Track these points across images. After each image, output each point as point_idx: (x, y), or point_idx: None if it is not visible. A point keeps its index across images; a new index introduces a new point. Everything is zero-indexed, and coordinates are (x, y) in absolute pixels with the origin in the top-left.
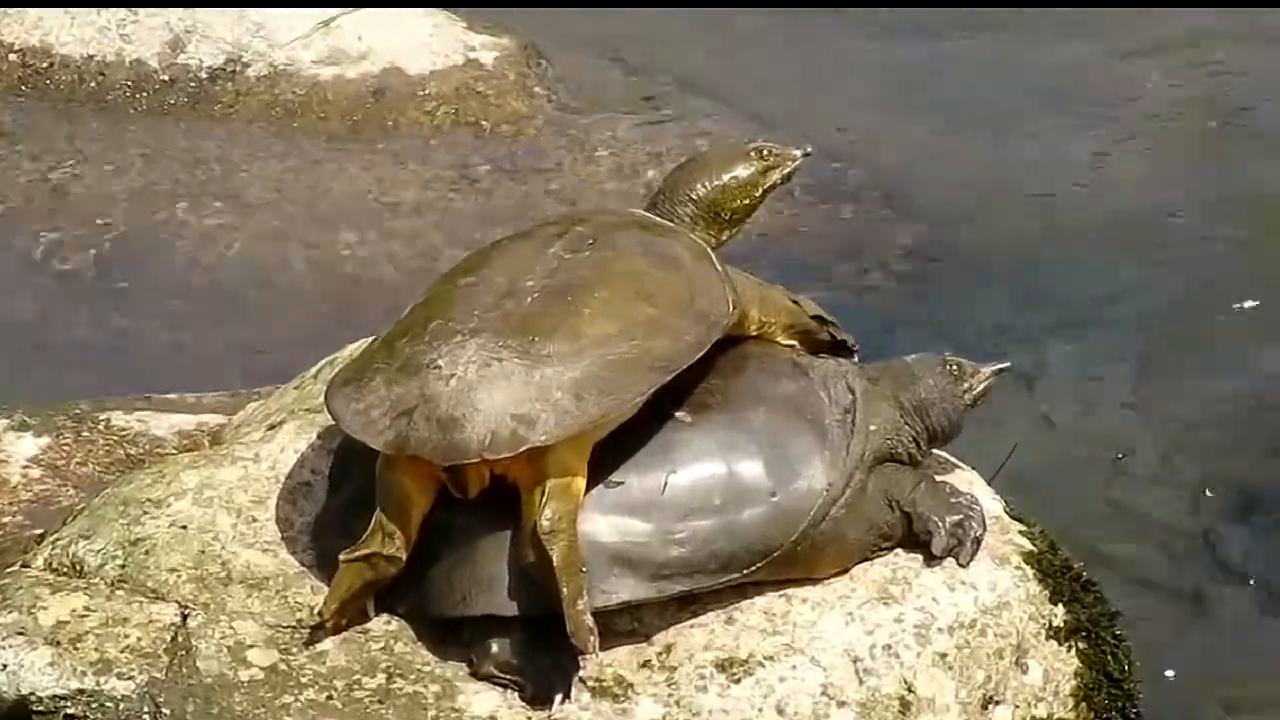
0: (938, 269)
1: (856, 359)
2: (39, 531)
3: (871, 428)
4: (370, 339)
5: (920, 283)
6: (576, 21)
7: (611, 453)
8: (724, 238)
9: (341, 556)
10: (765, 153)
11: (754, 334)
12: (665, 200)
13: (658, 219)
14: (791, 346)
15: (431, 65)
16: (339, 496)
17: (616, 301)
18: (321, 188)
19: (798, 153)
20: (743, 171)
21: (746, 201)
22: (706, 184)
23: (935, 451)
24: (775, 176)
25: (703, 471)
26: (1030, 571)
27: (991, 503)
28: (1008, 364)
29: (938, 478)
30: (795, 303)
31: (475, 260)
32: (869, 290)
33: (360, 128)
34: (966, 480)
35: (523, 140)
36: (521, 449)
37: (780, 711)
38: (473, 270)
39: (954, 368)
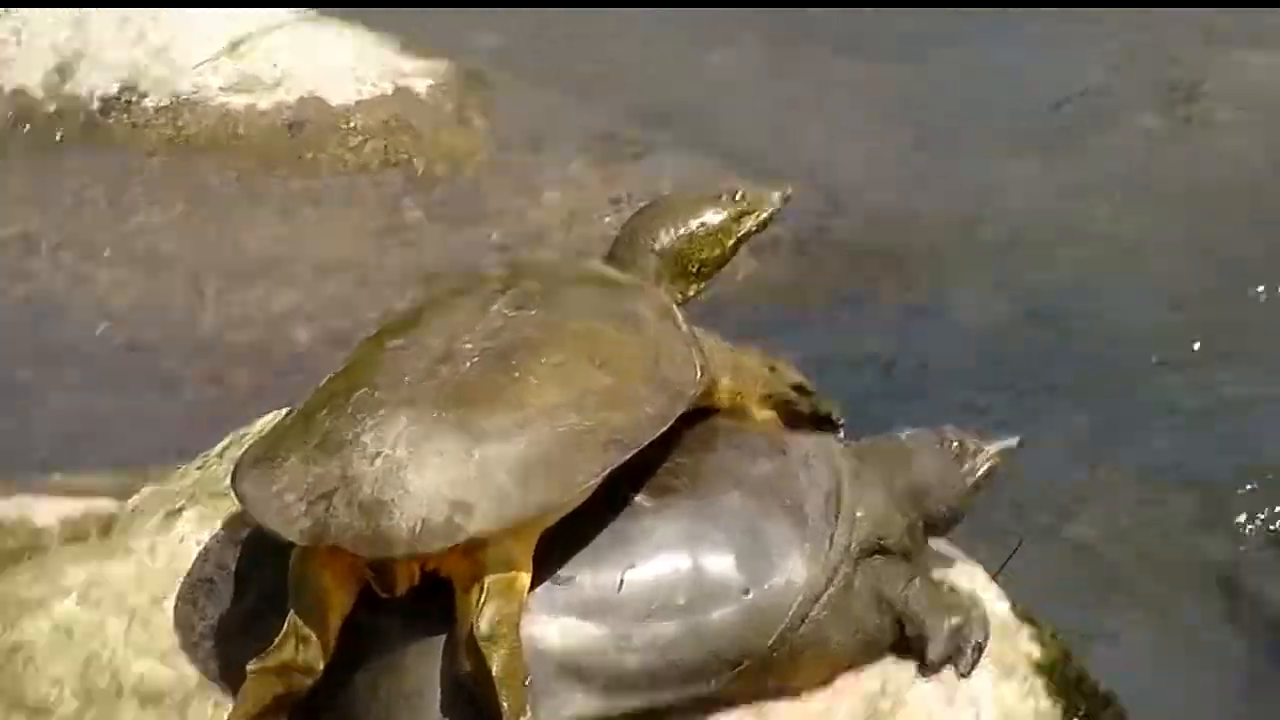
0: (938, 329)
1: (842, 434)
2: None
3: (859, 515)
4: (285, 411)
5: (917, 346)
6: (524, 45)
7: (561, 544)
8: (691, 293)
9: (249, 667)
10: (738, 196)
11: (725, 405)
12: (624, 251)
13: (616, 272)
14: (768, 420)
15: (357, 94)
16: (247, 596)
17: (568, 367)
18: (230, 235)
19: (776, 196)
20: (713, 218)
21: (717, 252)
22: (672, 232)
23: (932, 543)
24: (750, 223)
25: (665, 566)
26: (1040, 684)
27: (997, 603)
28: (1017, 439)
29: (934, 574)
30: (772, 369)
31: (406, 319)
32: (858, 355)
33: (275, 165)
34: (968, 576)
35: (461, 181)
36: (458, 540)
37: None
38: (403, 331)
39: (955, 445)
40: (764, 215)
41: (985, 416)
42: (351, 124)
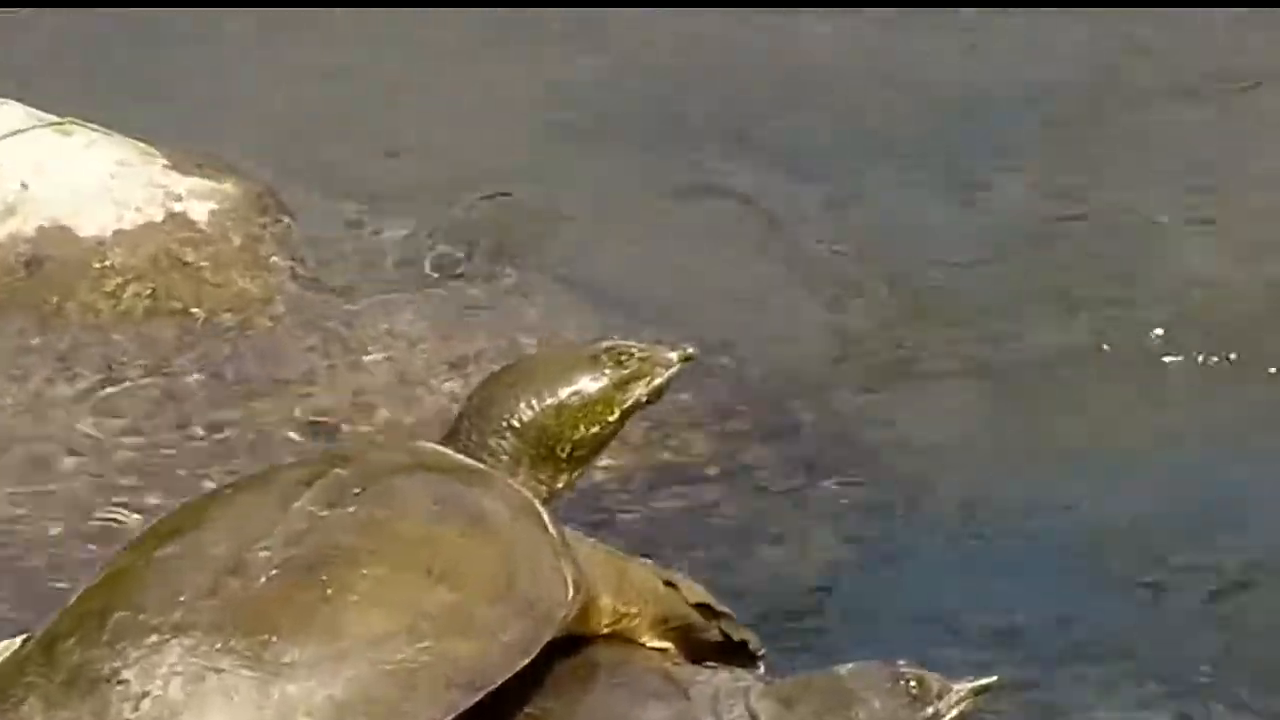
0: (888, 522)
1: (762, 669)
2: None
3: None
4: (20, 638)
5: (863, 545)
6: (336, 150)
7: None
8: (560, 485)
9: None
10: (623, 356)
11: (606, 632)
12: (471, 429)
13: (460, 458)
14: (664, 651)
15: (116, 222)
16: None
17: (397, 583)
18: None
19: (674, 356)
20: (590, 385)
21: (595, 429)
22: (535, 404)
23: None
24: (639, 391)
25: None
26: None
27: None
28: (993, 679)
29: None
30: (669, 585)
31: (182, 519)
32: (780, 563)
33: (8, 314)
34: None
35: (254, 336)
36: None
37: None
38: (178, 535)
39: (912, 685)
40: (657, 381)
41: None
42: (109, 261)
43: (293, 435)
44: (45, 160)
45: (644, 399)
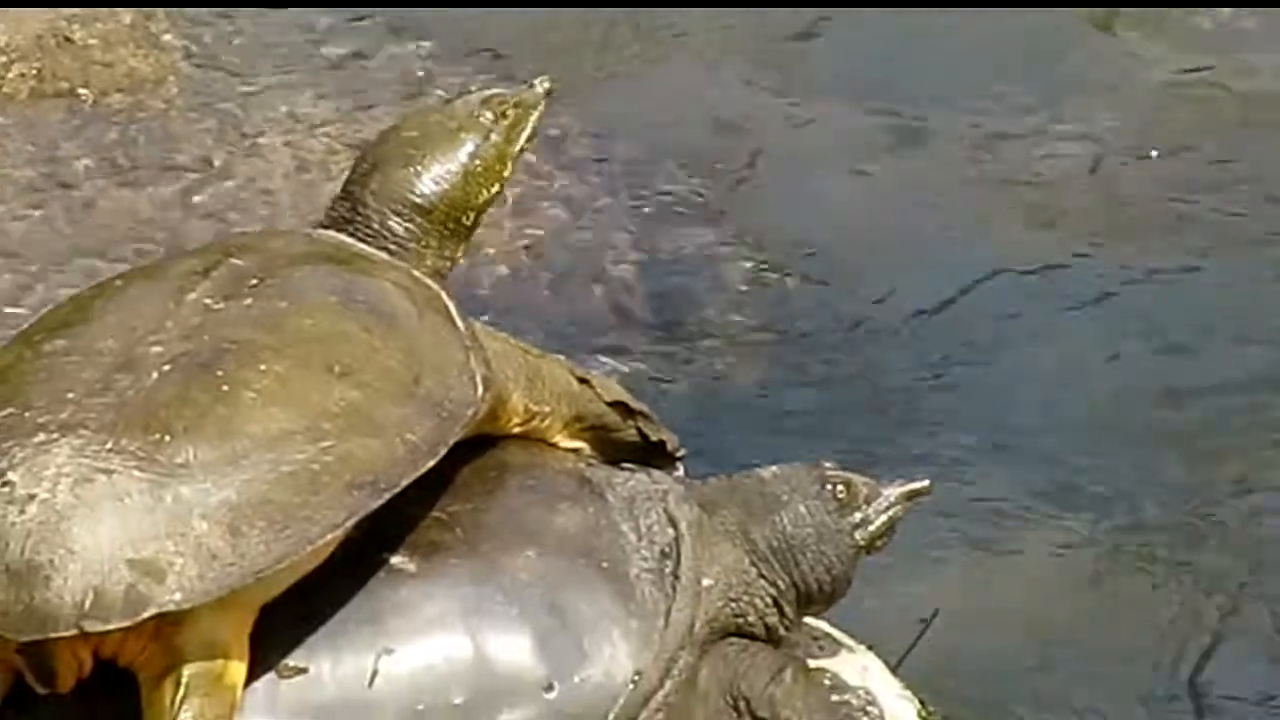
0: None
1: (681, 470)
2: None
3: (706, 583)
4: None
5: (786, 338)
6: None
7: (289, 621)
8: (459, 255)
9: None
10: (502, 106)
11: (517, 432)
12: (371, 214)
13: (363, 247)
14: (577, 452)
15: None
16: None
17: (296, 380)
18: None
19: (540, 89)
20: (486, 145)
21: (496, 189)
22: (440, 179)
23: (809, 621)
24: (523, 138)
25: (435, 652)
26: None
27: (897, 701)
28: (925, 482)
29: (812, 663)
30: (584, 382)
31: (69, 313)
32: (701, 357)
33: None
34: (859, 667)
35: (145, 119)
36: (142, 616)
37: None
38: (65, 329)
39: (839, 489)
40: (533, 122)
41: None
42: None
43: (185, 221)
44: None
45: (527, 144)
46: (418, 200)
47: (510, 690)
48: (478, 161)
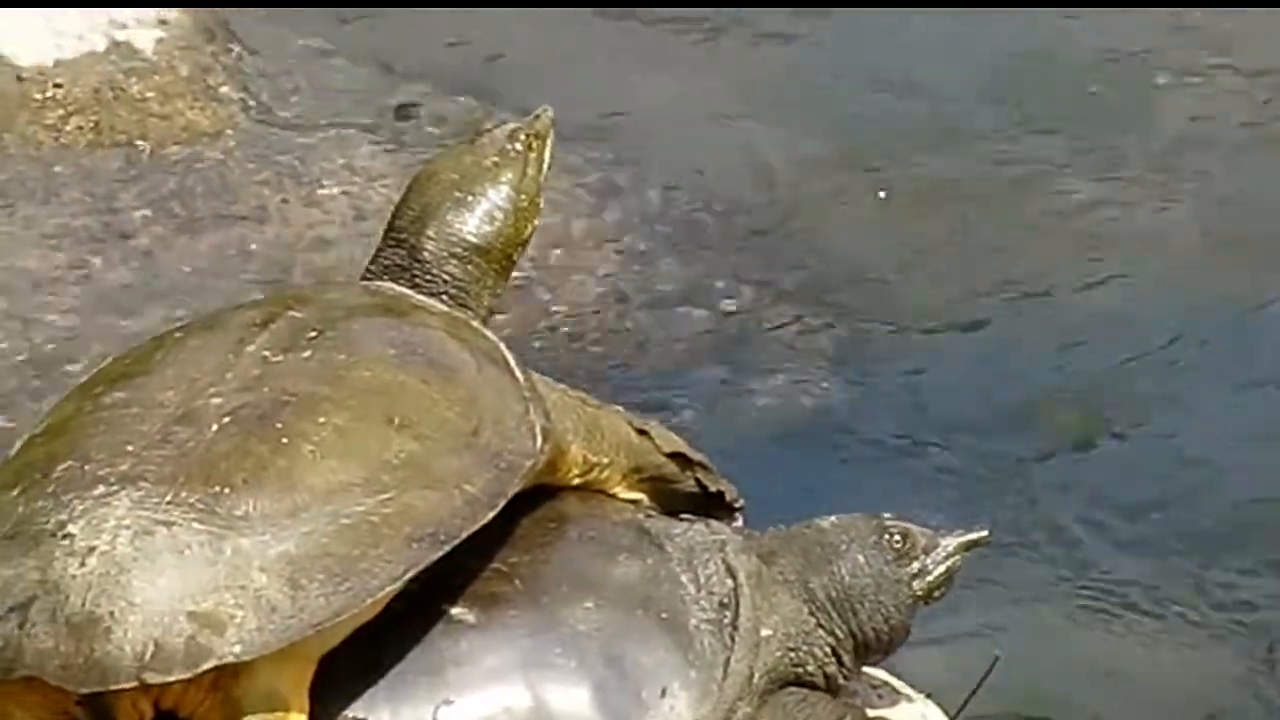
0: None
1: (740, 521)
2: None
3: (765, 633)
4: None
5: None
6: None
7: (348, 673)
8: (500, 293)
9: None
10: (524, 135)
11: (576, 483)
12: (425, 254)
13: (415, 295)
14: (636, 503)
15: (57, 52)
16: None
17: (356, 432)
18: None
19: (546, 119)
20: (525, 178)
21: (536, 220)
22: (493, 217)
23: (867, 670)
24: (546, 167)
25: (494, 703)
26: None
27: None
28: (983, 532)
29: (871, 713)
30: (642, 433)
31: (128, 365)
32: (763, 409)
33: None
34: (918, 715)
35: (203, 170)
36: (203, 668)
37: None
38: (125, 380)
39: (896, 539)
40: (550, 151)
41: (941, 499)
42: (49, 93)
43: (243, 272)
44: None
45: (548, 170)
46: (475, 240)
47: None
48: (522, 195)
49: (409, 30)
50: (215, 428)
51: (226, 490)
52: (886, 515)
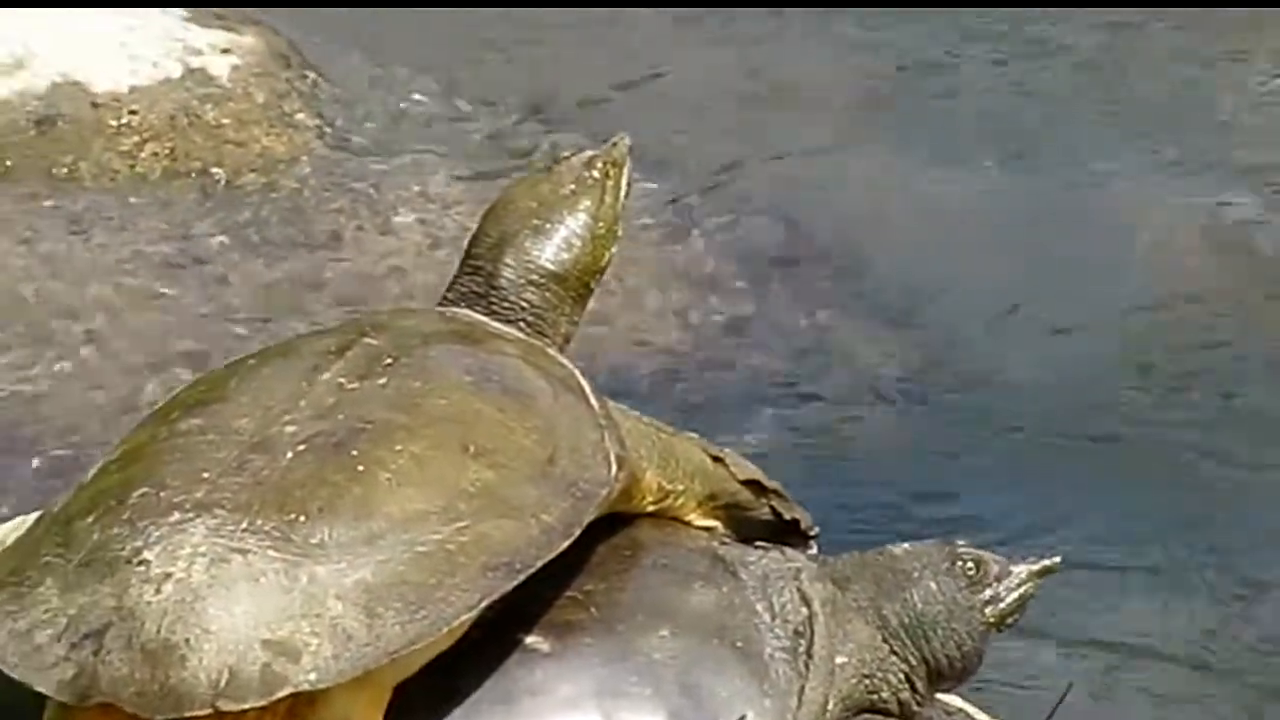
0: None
1: (815, 549)
2: None
3: (839, 661)
4: (35, 515)
5: (925, 422)
6: (364, 12)
7: (424, 701)
8: (577, 320)
9: None
10: (603, 163)
11: (651, 510)
12: (502, 282)
13: (491, 322)
14: (711, 530)
15: (132, 79)
16: None
17: (432, 460)
18: None
19: (624, 146)
20: (604, 205)
21: (614, 248)
22: (572, 244)
23: (941, 698)
24: (623, 193)
25: None
26: None
27: None
28: (1055, 559)
29: None
30: (717, 460)
31: (204, 391)
32: (840, 438)
33: (18, 175)
34: None
35: (279, 198)
36: (278, 695)
37: None
38: (200, 407)
39: (969, 566)
40: (627, 180)
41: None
42: (124, 120)
43: (318, 300)
44: (56, 15)
45: (626, 199)
46: (553, 268)
47: None
48: (600, 223)
49: (489, 55)
50: (290, 455)
51: (302, 518)
52: (960, 542)
